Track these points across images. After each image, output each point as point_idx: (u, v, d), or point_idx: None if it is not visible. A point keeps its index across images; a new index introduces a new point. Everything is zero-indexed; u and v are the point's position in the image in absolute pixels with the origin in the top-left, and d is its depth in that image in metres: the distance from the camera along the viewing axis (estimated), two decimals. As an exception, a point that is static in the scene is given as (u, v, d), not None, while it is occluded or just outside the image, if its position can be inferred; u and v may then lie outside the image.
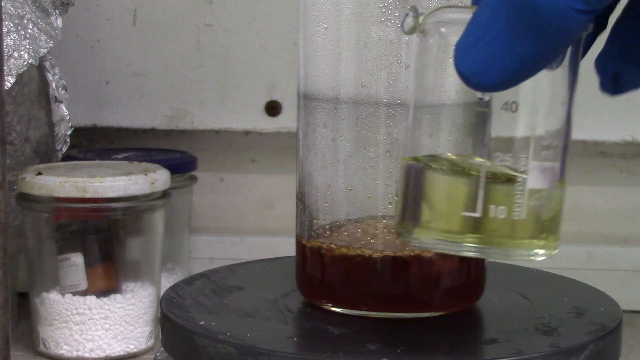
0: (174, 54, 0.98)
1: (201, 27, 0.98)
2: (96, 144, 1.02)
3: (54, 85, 0.85)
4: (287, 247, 0.61)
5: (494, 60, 0.41)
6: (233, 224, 1.02)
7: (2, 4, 0.68)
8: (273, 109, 0.98)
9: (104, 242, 0.83)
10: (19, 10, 0.80)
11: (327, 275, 0.54)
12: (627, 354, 0.87)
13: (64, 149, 0.88)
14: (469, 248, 0.46)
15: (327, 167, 0.53)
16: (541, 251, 0.46)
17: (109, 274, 0.83)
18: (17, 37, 0.78)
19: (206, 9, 0.97)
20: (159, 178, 0.82)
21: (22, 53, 0.78)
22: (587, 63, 0.48)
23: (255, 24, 0.97)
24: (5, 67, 0.72)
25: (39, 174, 0.80)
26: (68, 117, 0.87)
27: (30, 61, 0.78)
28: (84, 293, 0.82)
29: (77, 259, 0.82)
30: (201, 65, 0.98)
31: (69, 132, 0.87)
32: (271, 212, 1.02)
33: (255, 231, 1.02)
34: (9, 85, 0.77)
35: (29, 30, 0.80)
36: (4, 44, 0.71)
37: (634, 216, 1.00)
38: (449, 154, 0.47)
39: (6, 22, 0.78)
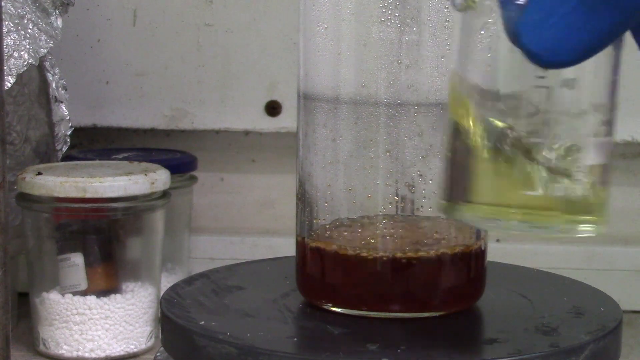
0: (174, 54, 0.98)
1: (201, 27, 0.98)
2: (96, 144, 1.02)
3: (54, 85, 0.85)
4: (287, 247, 0.61)
5: (569, 36, 0.41)
6: (233, 224, 1.02)
7: (2, 4, 0.68)
8: (273, 109, 0.99)
9: (104, 242, 0.83)
10: (19, 10, 0.80)
11: (327, 275, 0.54)
12: (627, 354, 0.87)
13: (64, 149, 0.88)
14: (520, 226, 0.45)
15: (327, 167, 0.53)
16: (594, 226, 0.46)
17: (109, 274, 0.83)
18: (17, 37, 0.78)
19: (206, 9, 0.97)
20: (159, 178, 0.82)
21: (22, 53, 0.78)
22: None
23: (255, 24, 0.97)
24: (5, 67, 0.72)
25: (39, 174, 0.80)
26: (68, 117, 0.87)
27: (30, 61, 0.78)
28: (84, 293, 0.82)
29: (77, 259, 0.82)
30: (201, 65, 0.98)
31: (69, 132, 0.87)
32: (271, 212, 1.02)
33: (255, 231, 1.02)
34: (9, 85, 0.77)
35: (29, 30, 0.80)
36: (4, 44, 0.71)
37: (634, 216, 1.00)
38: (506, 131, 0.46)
39: (6, 22, 0.77)
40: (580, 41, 0.41)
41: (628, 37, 0.44)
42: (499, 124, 0.45)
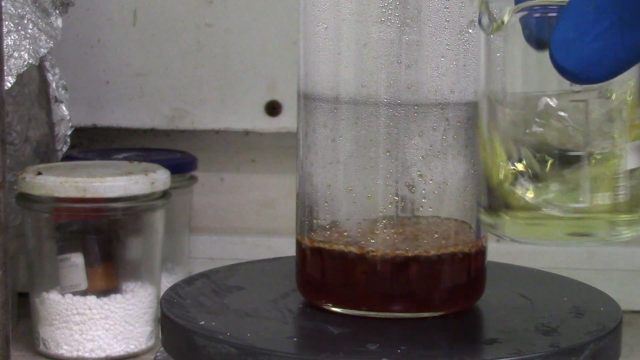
0: (174, 54, 0.98)
1: (201, 27, 0.98)
2: (96, 144, 1.02)
3: (54, 85, 0.85)
4: (287, 247, 0.61)
5: (604, 53, 0.41)
6: (233, 224, 1.02)
7: (2, 4, 0.68)
8: (273, 109, 0.99)
9: (104, 242, 0.83)
10: (19, 10, 0.80)
11: (327, 275, 0.54)
12: (627, 354, 0.87)
13: (64, 149, 0.88)
14: (563, 238, 0.46)
15: (327, 167, 0.53)
16: (638, 227, 0.46)
17: (109, 274, 0.83)
18: (17, 37, 0.78)
19: (206, 9, 0.97)
20: (159, 178, 0.82)
21: (22, 53, 0.78)
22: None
23: (255, 24, 0.97)
24: (5, 67, 0.72)
25: (39, 174, 0.80)
26: (68, 117, 0.87)
27: (30, 61, 0.78)
28: (84, 293, 0.82)
29: (77, 259, 0.82)
30: (201, 65, 0.98)
31: (69, 132, 0.87)
32: (271, 212, 1.02)
33: (255, 231, 1.02)
34: (9, 85, 0.77)
35: (29, 30, 0.80)
36: (4, 44, 0.71)
37: (634, 216, 1.00)
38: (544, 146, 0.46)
39: (6, 22, 0.77)
40: (616, 58, 0.41)
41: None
42: (536, 139, 0.46)
